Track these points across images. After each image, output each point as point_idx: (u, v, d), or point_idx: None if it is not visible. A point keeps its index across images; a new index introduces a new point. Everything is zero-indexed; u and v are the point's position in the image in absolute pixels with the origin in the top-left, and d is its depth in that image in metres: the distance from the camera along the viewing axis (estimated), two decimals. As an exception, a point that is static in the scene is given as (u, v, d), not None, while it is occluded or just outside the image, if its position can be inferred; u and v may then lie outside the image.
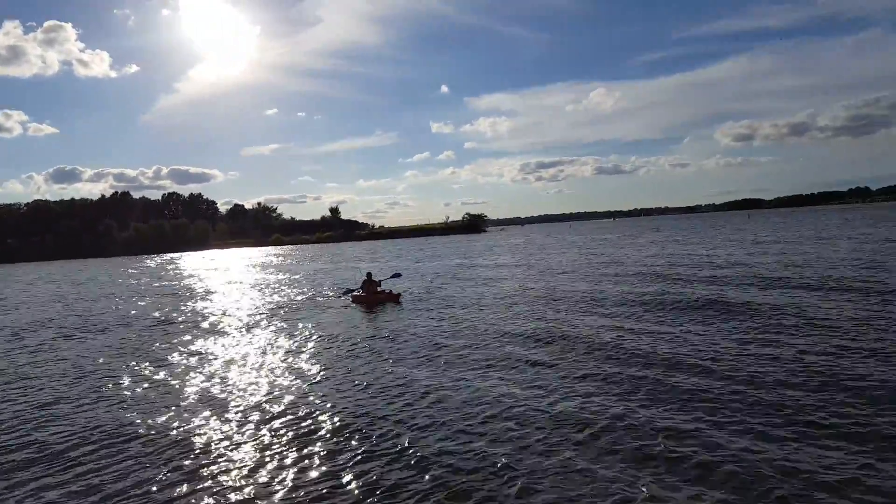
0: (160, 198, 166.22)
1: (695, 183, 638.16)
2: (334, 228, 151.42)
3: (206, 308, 21.78)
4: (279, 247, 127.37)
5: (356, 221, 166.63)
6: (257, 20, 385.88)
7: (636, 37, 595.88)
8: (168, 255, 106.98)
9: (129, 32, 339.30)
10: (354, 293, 20.92)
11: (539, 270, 28.25)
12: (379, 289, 20.52)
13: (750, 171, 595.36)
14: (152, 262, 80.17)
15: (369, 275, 21.09)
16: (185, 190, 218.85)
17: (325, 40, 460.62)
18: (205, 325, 17.60)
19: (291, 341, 13.90)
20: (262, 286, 30.07)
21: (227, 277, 39.89)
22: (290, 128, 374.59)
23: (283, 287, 28.85)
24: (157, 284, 36.78)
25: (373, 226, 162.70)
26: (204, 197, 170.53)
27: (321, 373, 10.56)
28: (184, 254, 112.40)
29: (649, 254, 33.53)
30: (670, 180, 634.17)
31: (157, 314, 20.81)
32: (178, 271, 52.29)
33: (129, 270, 57.72)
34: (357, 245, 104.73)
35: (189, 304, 23.67)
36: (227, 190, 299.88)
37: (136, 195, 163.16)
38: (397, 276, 23.51)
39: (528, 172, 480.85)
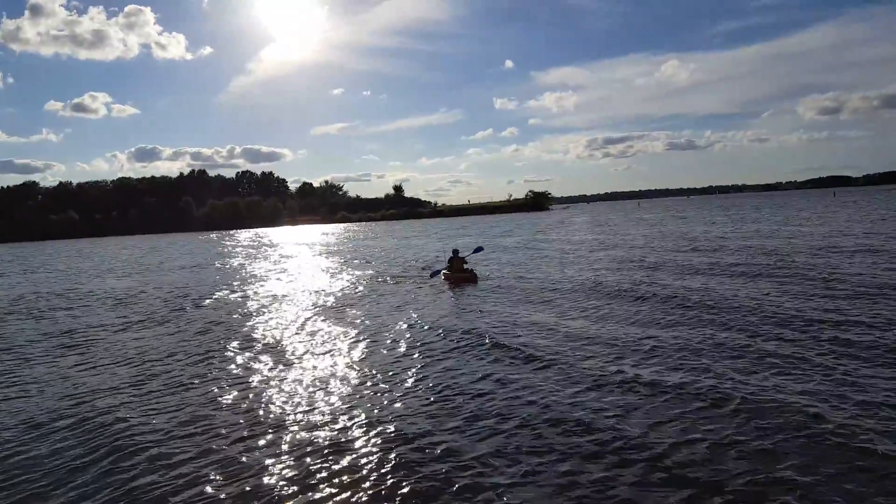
0: (234, 176, 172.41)
1: (775, 159, 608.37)
2: (397, 206, 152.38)
3: (304, 286, 21.09)
4: (345, 224, 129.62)
5: (419, 199, 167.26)
6: (324, 0, 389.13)
7: (714, 4, 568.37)
8: (250, 231, 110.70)
9: (204, 15, 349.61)
10: (443, 271, 20.09)
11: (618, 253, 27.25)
12: (465, 266, 19.63)
13: (836, 146, 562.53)
14: (239, 236, 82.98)
15: (455, 252, 20.37)
16: (258, 168, 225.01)
17: (389, 18, 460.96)
18: (304, 302, 16.89)
19: (371, 326, 12.71)
20: (343, 263, 29.67)
21: (315, 254, 40.57)
22: (355, 107, 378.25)
23: (363, 265, 28.04)
24: (257, 258, 37.90)
25: (435, 204, 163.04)
26: (275, 175, 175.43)
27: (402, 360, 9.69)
28: (258, 230, 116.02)
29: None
30: (748, 156, 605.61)
31: (261, 289, 20.72)
32: (267, 245, 53.86)
33: (225, 242, 59.91)
34: (420, 223, 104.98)
35: (284, 279, 23.58)
36: (296, 168, 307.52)
37: (211, 173, 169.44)
38: (479, 250, 22.76)
39: (594, 149, 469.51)
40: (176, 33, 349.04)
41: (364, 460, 5.87)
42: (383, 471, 5.63)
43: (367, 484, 5.41)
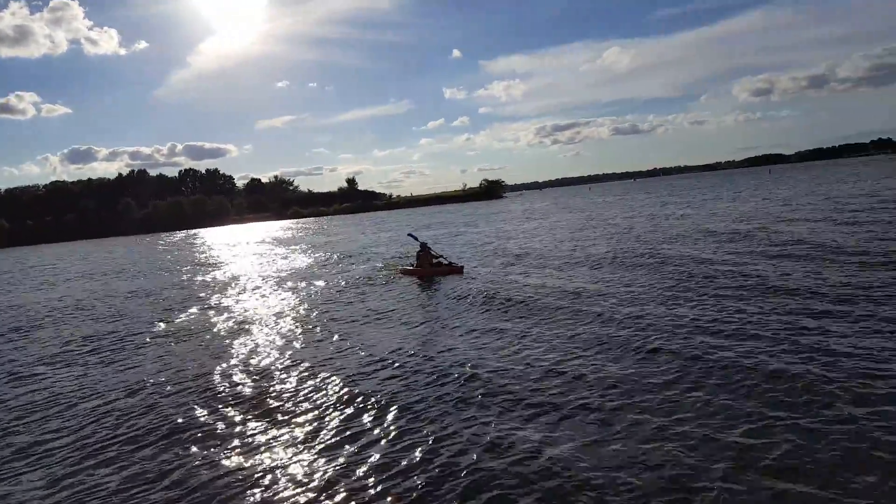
0: (177, 174, 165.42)
1: (714, 140, 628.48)
2: (352, 199, 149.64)
3: (249, 288, 20.10)
4: (298, 220, 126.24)
5: (373, 192, 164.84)
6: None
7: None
8: (191, 231, 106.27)
9: (137, 7, 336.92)
10: (408, 267, 19.50)
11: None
12: (435, 260, 18.77)
13: (770, 125, 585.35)
14: (174, 237, 79.34)
15: (424, 245, 19.26)
16: (201, 166, 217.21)
17: (333, 7, 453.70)
18: (247, 307, 15.84)
19: (340, 326, 12.05)
20: (302, 262, 27.95)
21: (260, 253, 38.72)
22: (302, 99, 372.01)
23: (322, 263, 26.56)
24: (192, 260, 35.51)
25: (390, 195, 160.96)
26: (220, 172, 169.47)
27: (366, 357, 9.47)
28: (203, 230, 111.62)
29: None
30: (689, 138, 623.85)
31: (195, 294, 19.45)
32: (206, 247, 51.11)
33: (159, 246, 56.80)
34: (378, 215, 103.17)
35: (233, 282, 21.90)
36: (242, 164, 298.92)
37: (152, 173, 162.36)
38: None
39: (544, 136, 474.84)
40: (107, 27, 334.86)
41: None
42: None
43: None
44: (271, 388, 8.27)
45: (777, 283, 11.46)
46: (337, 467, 5.62)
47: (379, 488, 5.18)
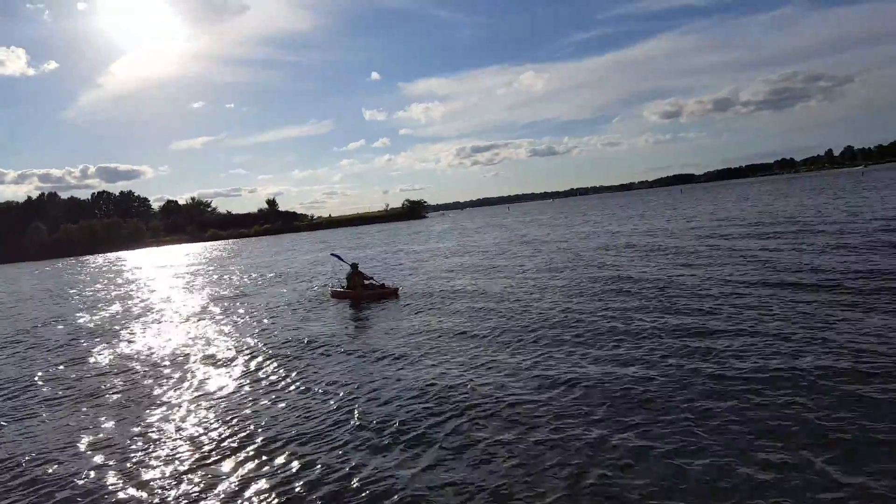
0: (89, 197, 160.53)
1: (627, 161, 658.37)
2: (272, 221, 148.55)
3: (163, 314, 19.34)
4: (217, 241, 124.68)
5: (294, 213, 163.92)
6: (179, 10, 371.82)
7: (562, 17, 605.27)
8: (106, 255, 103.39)
9: (45, 27, 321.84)
10: (338, 290, 18.68)
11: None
12: (366, 282, 18.01)
13: (679, 146, 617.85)
14: (92, 263, 77.44)
15: (355, 266, 18.54)
16: (115, 188, 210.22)
17: (251, 28, 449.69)
18: (167, 335, 15.00)
19: (267, 358, 11.32)
20: (223, 288, 26.22)
21: (175, 276, 38.92)
22: (219, 119, 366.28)
23: (244, 287, 25.24)
24: (101, 288, 35.84)
25: (312, 216, 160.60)
26: (135, 194, 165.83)
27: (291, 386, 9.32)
28: (118, 253, 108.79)
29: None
30: (603, 159, 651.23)
31: (101, 323, 18.61)
32: (120, 273, 50.99)
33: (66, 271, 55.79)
34: (299, 236, 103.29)
35: (147, 312, 20.42)
36: (158, 186, 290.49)
37: (63, 195, 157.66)
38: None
39: (464, 157, 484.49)
40: (14, 47, 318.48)
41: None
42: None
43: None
44: (192, 432, 7.71)
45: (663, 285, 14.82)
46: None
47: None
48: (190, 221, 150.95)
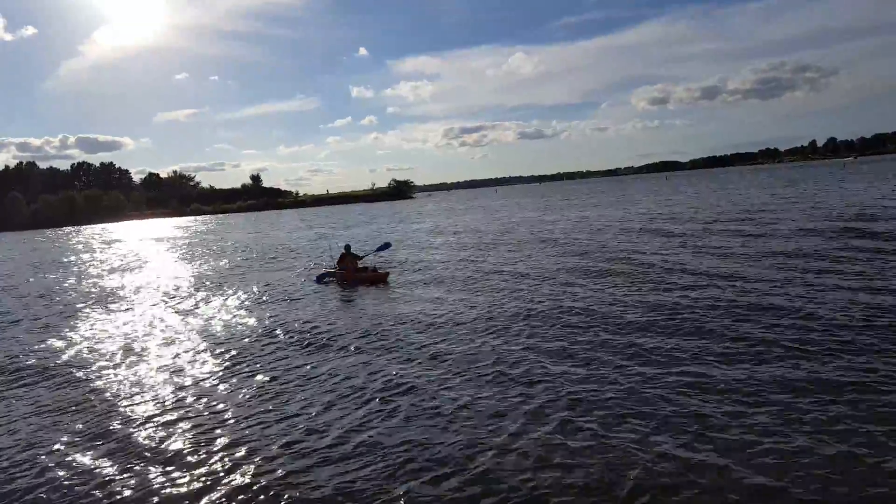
0: (69, 168, 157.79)
1: (615, 146, 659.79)
2: (256, 197, 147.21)
3: (147, 291, 18.89)
4: (200, 216, 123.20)
5: (279, 189, 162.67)
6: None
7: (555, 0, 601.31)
8: (84, 227, 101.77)
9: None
10: (329, 271, 17.74)
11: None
12: (360, 264, 17.29)
13: (666, 134, 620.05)
14: (72, 236, 76.27)
15: (347, 247, 17.84)
16: (96, 159, 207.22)
17: (238, 1, 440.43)
18: (149, 316, 14.34)
19: (256, 343, 10.85)
20: (209, 265, 25.34)
21: (162, 251, 38.51)
22: (203, 92, 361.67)
23: (229, 266, 24.13)
24: (79, 262, 35.18)
25: (297, 194, 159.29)
26: (116, 166, 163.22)
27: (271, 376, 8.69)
28: (98, 226, 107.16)
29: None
30: (591, 144, 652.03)
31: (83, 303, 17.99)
32: (95, 245, 50.16)
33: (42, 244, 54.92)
34: (284, 213, 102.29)
35: (132, 290, 19.34)
36: (140, 158, 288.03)
37: (42, 165, 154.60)
38: (386, 246, 20.22)
39: (451, 138, 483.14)
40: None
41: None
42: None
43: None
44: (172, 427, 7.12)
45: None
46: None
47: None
48: (172, 195, 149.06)
